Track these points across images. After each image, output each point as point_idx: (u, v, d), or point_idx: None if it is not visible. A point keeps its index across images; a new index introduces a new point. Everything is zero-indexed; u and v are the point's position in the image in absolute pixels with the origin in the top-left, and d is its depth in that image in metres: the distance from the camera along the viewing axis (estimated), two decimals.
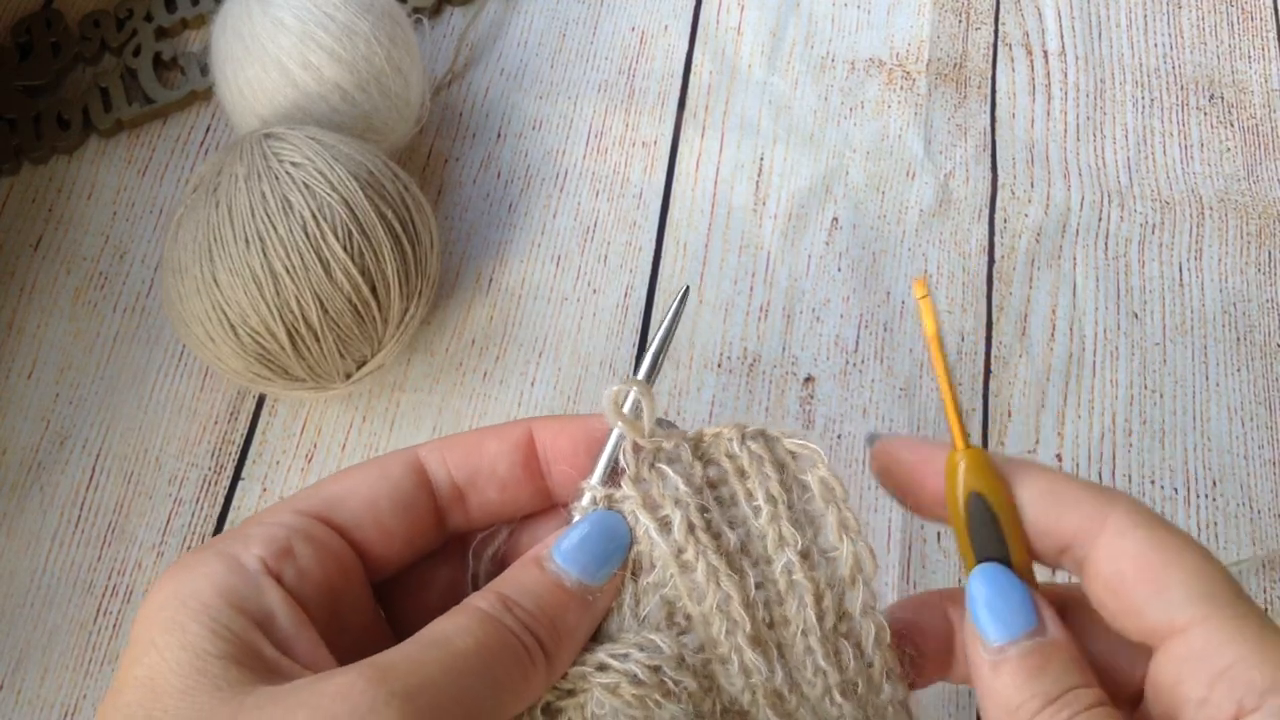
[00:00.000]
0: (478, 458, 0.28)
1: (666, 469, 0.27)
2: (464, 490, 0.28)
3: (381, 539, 0.27)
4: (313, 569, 0.26)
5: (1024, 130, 0.54)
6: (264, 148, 0.42)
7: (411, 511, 0.28)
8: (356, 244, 0.41)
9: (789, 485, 0.27)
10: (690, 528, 0.26)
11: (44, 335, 0.47)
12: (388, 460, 0.28)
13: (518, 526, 0.30)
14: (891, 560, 0.44)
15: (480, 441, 0.28)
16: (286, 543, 0.26)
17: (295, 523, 0.26)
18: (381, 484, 0.27)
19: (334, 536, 0.27)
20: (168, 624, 0.24)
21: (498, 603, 0.25)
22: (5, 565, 0.43)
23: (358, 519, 0.27)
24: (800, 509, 0.27)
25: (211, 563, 0.25)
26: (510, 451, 0.28)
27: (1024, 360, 0.48)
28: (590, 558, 0.27)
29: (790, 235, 0.51)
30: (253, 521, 0.26)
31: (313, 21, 0.45)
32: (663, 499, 0.26)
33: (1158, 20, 0.57)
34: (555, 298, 0.49)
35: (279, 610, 0.25)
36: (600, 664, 0.26)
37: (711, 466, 0.27)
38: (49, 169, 0.51)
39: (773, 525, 0.26)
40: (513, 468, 0.28)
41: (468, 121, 0.53)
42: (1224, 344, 0.49)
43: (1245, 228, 0.51)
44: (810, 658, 0.26)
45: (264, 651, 0.24)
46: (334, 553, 0.26)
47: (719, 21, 0.56)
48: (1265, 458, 0.46)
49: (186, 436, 0.46)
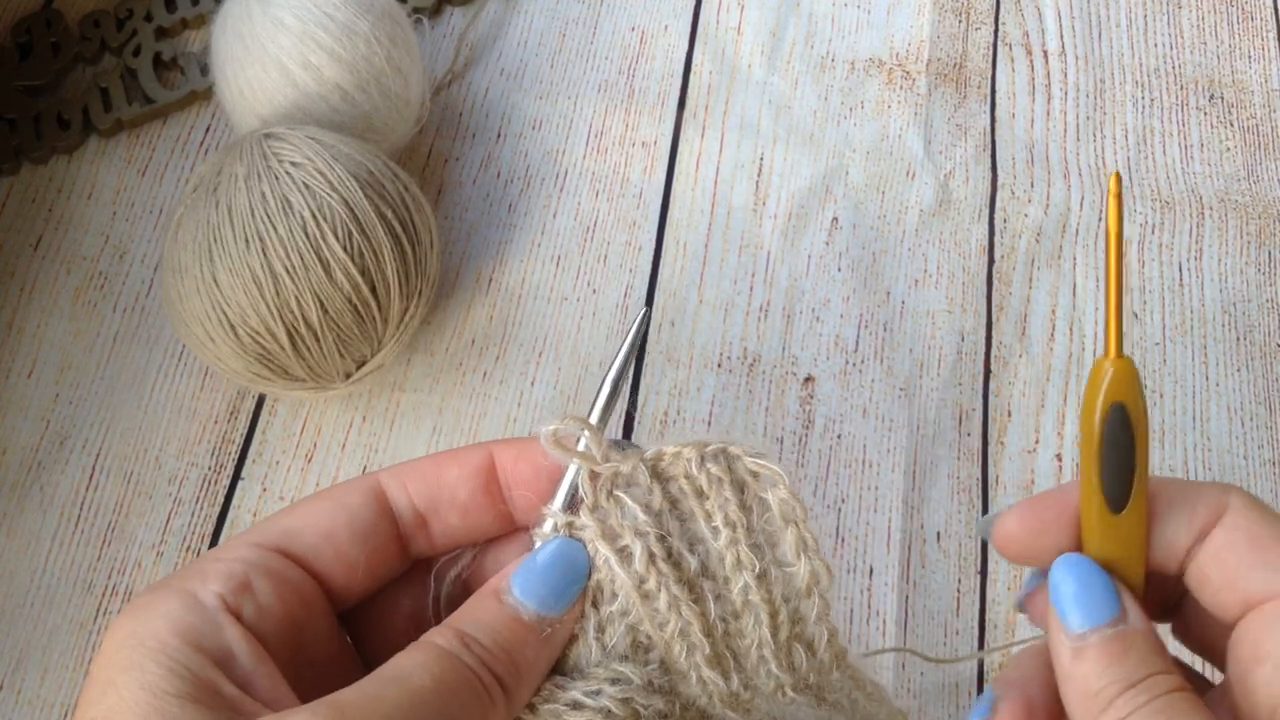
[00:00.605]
0: (438, 484, 0.28)
1: (624, 497, 0.27)
2: (426, 517, 0.28)
3: (343, 569, 0.27)
4: (272, 604, 0.26)
5: (1024, 130, 0.54)
6: (264, 148, 0.42)
7: (372, 540, 0.28)
8: (356, 244, 0.41)
9: (749, 505, 0.27)
10: (651, 558, 0.26)
11: (44, 335, 0.47)
12: (346, 489, 0.28)
13: (481, 549, 0.29)
14: (892, 560, 0.44)
15: (440, 467, 0.28)
16: (245, 578, 0.25)
17: (253, 557, 0.26)
18: (340, 514, 0.27)
19: (293, 569, 0.26)
20: (126, 664, 0.24)
21: (455, 639, 0.25)
22: (5, 565, 0.43)
23: (317, 550, 0.27)
24: (760, 527, 0.27)
25: (169, 601, 0.25)
26: (471, 477, 0.28)
27: (1024, 360, 0.48)
28: (549, 590, 0.26)
29: (790, 235, 0.51)
30: (210, 557, 0.26)
31: (313, 21, 0.45)
32: (622, 529, 0.27)
33: (1158, 20, 0.57)
34: (555, 298, 0.49)
35: (237, 647, 0.24)
36: (574, 702, 0.26)
37: (672, 484, 0.27)
38: (49, 169, 0.51)
39: (731, 549, 0.27)
40: (474, 493, 0.28)
41: (468, 121, 0.53)
42: (1224, 344, 0.49)
43: (1245, 228, 0.51)
44: (764, 665, 0.27)
45: (223, 690, 0.24)
46: (294, 586, 0.26)
47: (719, 21, 0.56)
48: (1265, 458, 0.46)
49: (186, 436, 0.46)
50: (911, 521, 0.45)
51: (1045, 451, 0.46)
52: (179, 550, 0.43)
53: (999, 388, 0.47)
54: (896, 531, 0.44)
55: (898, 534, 0.44)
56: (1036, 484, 0.45)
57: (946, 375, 0.48)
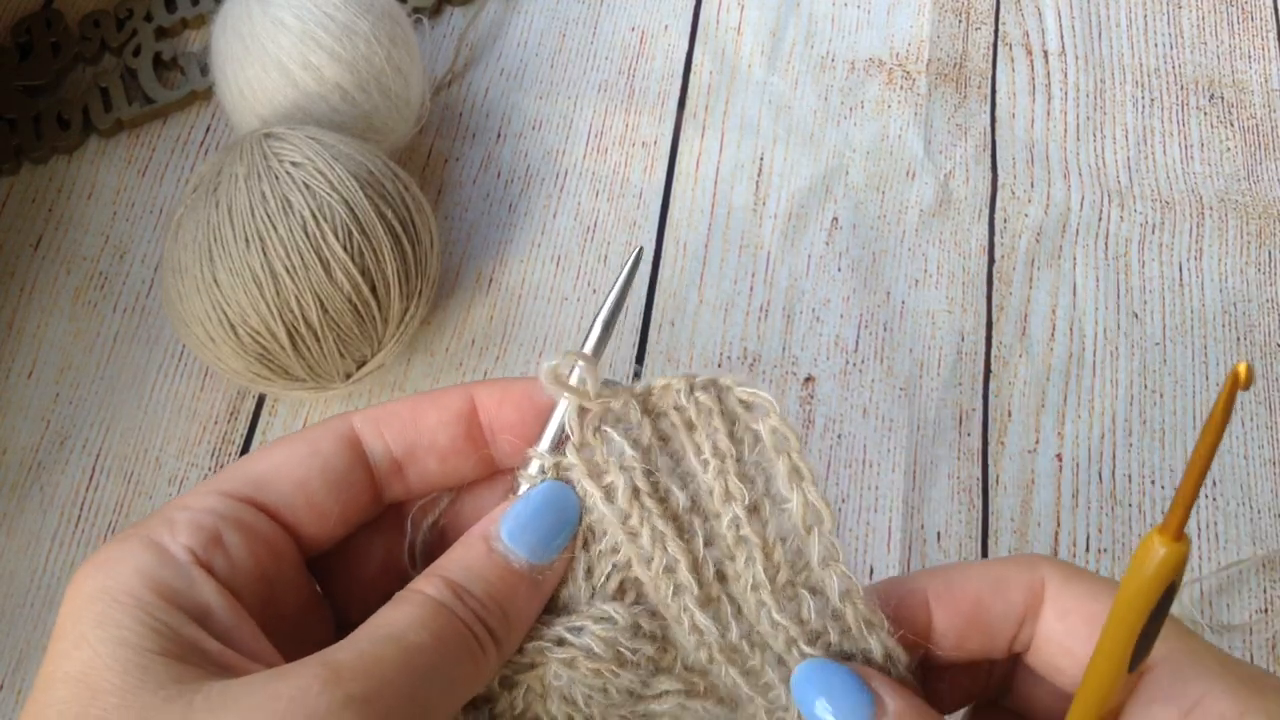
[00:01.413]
0: (416, 429, 0.27)
1: (611, 432, 0.25)
2: (402, 462, 0.27)
3: (314, 519, 0.26)
4: (244, 558, 0.24)
5: (1024, 130, 0.54)
6: (264, 147, 0.42)
7: (346, 488, 0.26)
8: (356, 244, 0.41)
9: (740, 437, 0.26)
10: (635, 493, 0.25)
11: (44, 335, 0.47)
12: (318, 434, 0.26)
13: (459, 494, 0.28)
14: (892, 560, 0.44)
15: (418, 411, 0.27)
16: (215, 530, 0.24)
17: (222, 507, 0.25)
18: (313, 461, 0.26)
19: (264, 520, 0.25)
20: (98, 618, 0.22)
21: (448, 591, 0.24)
22: (5, 565, 0.43)
23: (288, 500, 0.25)
24: (752, 461, 0.26)
25: (139, 554, 0.23)
26: (451, 422, 0.27)
27: (1024, 360, 0.48)
28: (538, 537, 0.25)
29: (790, 235, 0.51)
30: (176, 505, 0.25)
31: (313, 21, 0.45)
32: (607, 464, 0.25)
33: (1158, 20, 0.57)
34: (555, 297, 0.49)
35: (214, 603, 0.23)
36: (558, 638, 0.25)
37: (662, 419, 0.26)
38: (49, 169, 0.51)
39: (719, 480, 0.25)
40: (454, 438, 0.27)
41: (468, 121, 0.53)
42: (1224, 344, 0.49)
43: (1245, 228, 0.51)
44: (764, 611, 0.25)
45: (206, 646, 0.22)
46: (265, 538, 0.25)
47: (719, 21, 0.56)
48: (1265, 457, 0.46)
49: (186, 436, 0.46)
50: (912, 521, 0.45)
51: (1045, 451, 0.46)
52: None
53: (999, 388, 0.47)
54: (897, 531, 0.44)
55: (898, 534, 0.44)
56: (1036, 484, 0.45)
57: (946, 375, 0.48)
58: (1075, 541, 0.44)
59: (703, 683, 0.25)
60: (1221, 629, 0.43)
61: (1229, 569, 0.44)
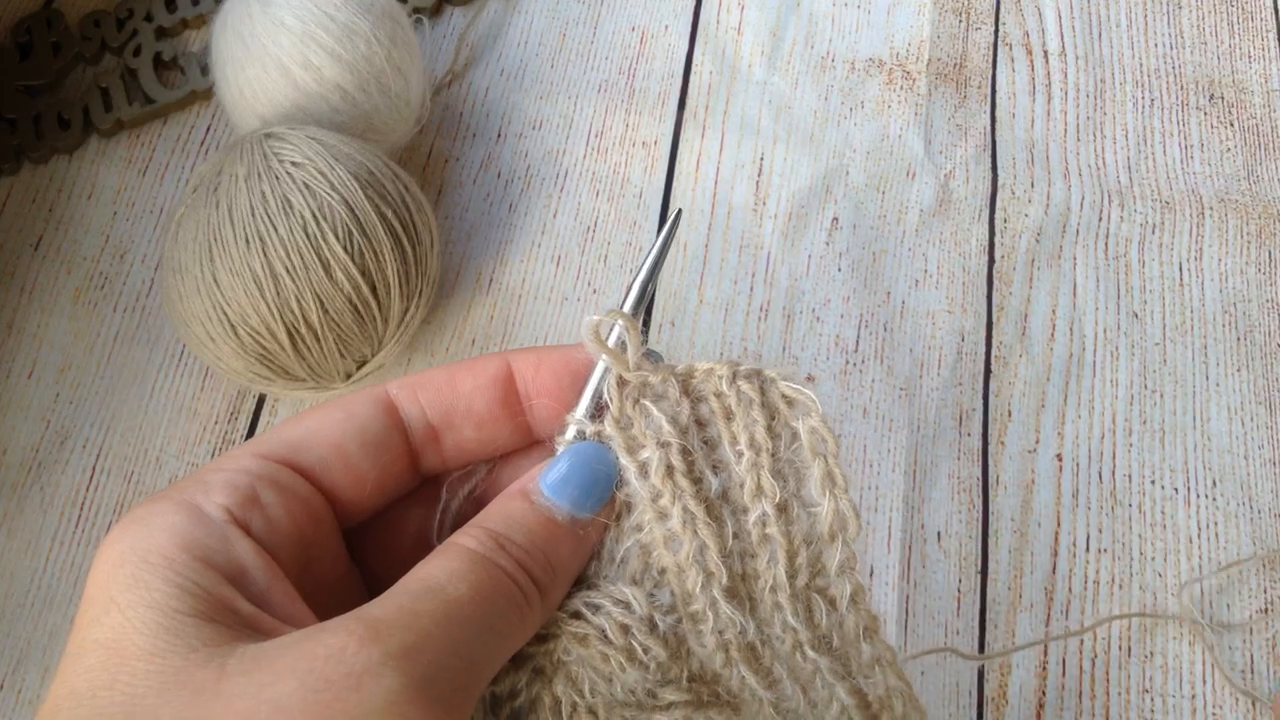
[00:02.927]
0: (452, 395, 0.26)
1: (651, 406, 0.25)
2: (438, 429, 0.26)
3: (352, 483, 0.25)
4: (281, 518, 0.24)
5: (1024, 130, 0.54)
6: (264, 148, 0.42)
7: (383, 453, 0.26)
8: (357, 244, 0.41)
9: (778, 432, 0.25)
10: (669, 471, 0.24)
11: (44, 335, 0.47)
12: (354, 399, 0.26)
13: (496, 464, 0.28)
14: (892, 560, 0.44)
15: (454, 378, 0.26)
16: (251, 490, 0.23)
17: (259, 468, 0.24)
18: (349, 424, 0.25)
19: (301, 482, 0.24)
20: (129, 581, 0.21)
21: (489, 540, 0.23)
22: (6, 565, 0.43)
23: (326, 462, 0.25)
24: (786, 458, 0.25)
25: (171, 514, 0.22)
26: (487, 387, 0.26)
27: (1024, 360, 0.48)
28: (579, 489, 0.25)
29: (790, 235, 0.51)
30: (212, 468, 0.24)
31: (313, 22, 0.45)
32: (644, 439, 0.25)
33: (1158, 20, 0.57)
34: (555, 297, 0.49)
35: (250, 563, 0.22)
36: (574, 611, 0.24)
37: (701, 404, 0.26)
38: (49, 169, 0.51)
39: (751, 473, 0.25)
40: (490, 404, 0.26)
41: (468, 121, 0.53)
42: (1224, 344, 0.49)
43: (1245, 228, 0.51)
44: (779, 614, 0.24)
45: (239, 607, 0.22)
46: (302, 499, 0.24)
47: (719, 21, 0.56)
48: (1265, 457, 0.46)
49: (187, 436, 0.46)
50: (912, 521, 0.45)
51: (1045, 451, 0.46)
52: None
53: (999, 388, 0.47)
54: (897, 531, 0.44)
55: (898, 534, 0.44)
56: (1037, 483, 0.45)
57: (947, 375, 0.48)
58: (1075, 541, 0.44)
59: (707, 692, 0.25)
60: (1221, 628, 0.43)
61: (1229, 569, 0.44)
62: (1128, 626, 0.43)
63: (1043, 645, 0.42)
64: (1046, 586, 0.43)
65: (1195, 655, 0.42)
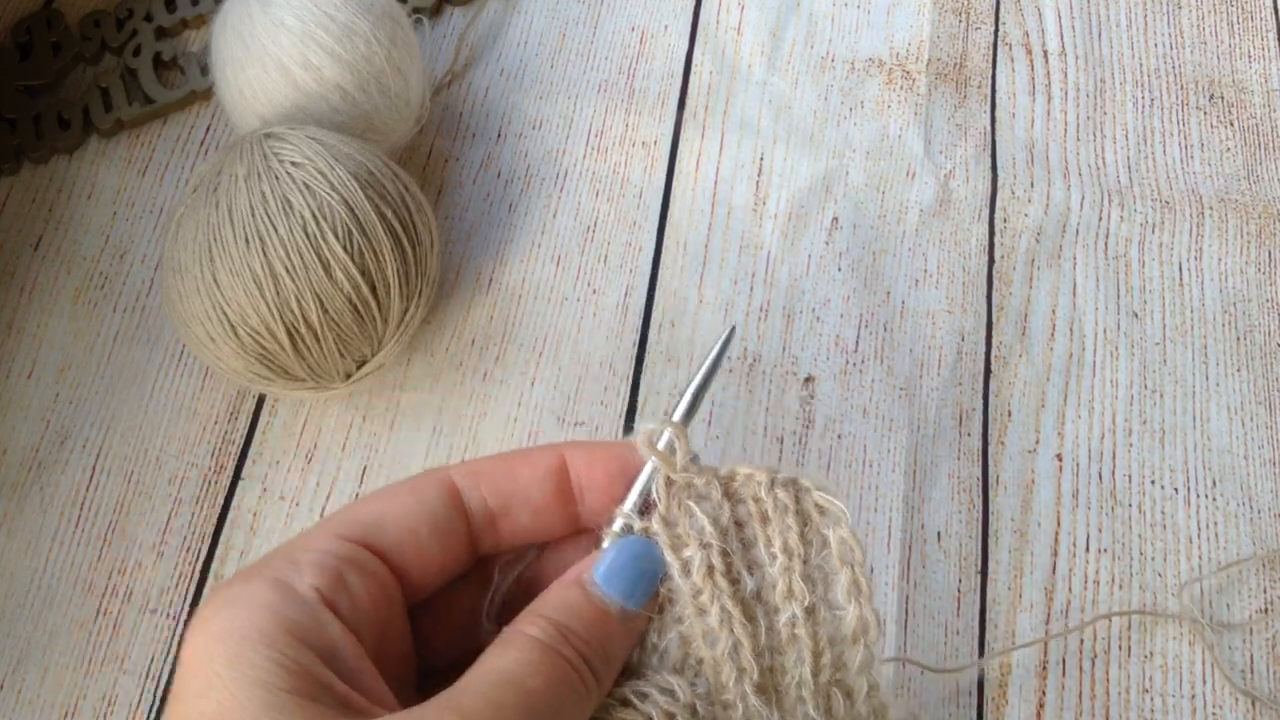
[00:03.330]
0: (512, 484, 0.28)
1: (695, 507, 0.27)
2: (497, 516, 0.28)
3: (421, 565, 0.27)
4: (363, 599, 0.25)
5: (1024, 130, 0.54)
6: (264, 148, 0.42)
7: (449, 537, 0.28)
8: (357, 244, 0.41)
9: (809, 538, 0.27)
10: (710, 570, 0.27)
11: (44, 335, 0.47)
12: (422, 484, 0.28)
13: (542, 550, 0.30)
14: (892, 560, 0.44)
15: (513, 468, 0.29)
16: (338, 572, 0.25)
17: (343, 551, 0.26)
18: (420, 509, 0.27)
19: (379, 564, 0.26)
20: (231, 657, 0.23)
21: (554, 631, 0.25)
22: (5, 565, 0.43)
23: (399, 545, 0.27)
24: (816, 563, 0.27)
25: (267, 593, 0.24)
26: (544, 479, 0.28)
27: (1024, 360, 0.48)
28: (630, 582, 0.27)
29: (790, 235, 0.51)
30: (298, 547, 0.26)
31: (313, 22, 0.45)
32: (688, 538, 0.27)
33: (1158, 20, 0.57)
34: (555, 298, 0.49)
35: (341, 643, 0.24)
36: (624, 699, 0.26)
37: (740, 505, 0.28)
38: (49, 169, 0.51)
39: (784, 576, 0.27)
40: (546, 495, 0.28)
41: (468, 121, 0.53)
42: (1224, 344, 0.49)
43: (1245, 227, 0.51)
44: (801, 707, 0.26)
45: (335, 686, 0.23)
46: (380, 581, 0.26)
47: (719, 21, 0.56)
48: (1265, 457, 0.46)
49: (186, 436, 0.46)
50: (912, 521, 0.45)
51: (1045, 451, 0.46)
52: (179, 550, 0.43)
53: (999, 387, 0.47)
54: (897, 531, 0.44)
55: (898, 534, 0.44)
56: (1036, 484, 0.45)
57: (947, 375, 0.48)
58: (1075, 541, 0.44)
59: None
60: (1221, 628, 0.43)
61: (1229, 569, 0.44)
62: (1127, 626, 0.43)
63: (1042, 644, 0.42)
64: (1046, 586, 0.44)
65: (1195, 655, 0.42)
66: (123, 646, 0.42)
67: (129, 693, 0.41)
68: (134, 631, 0.42)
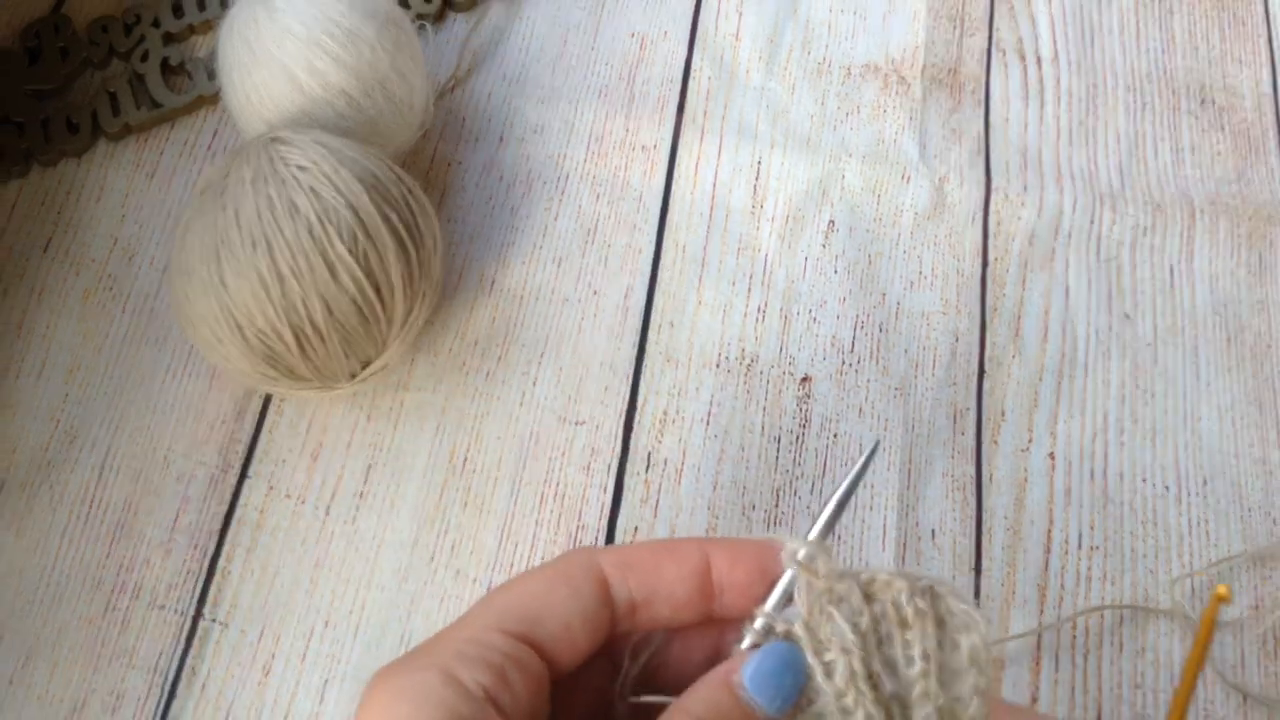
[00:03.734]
0: (657, 580, 0.29)
1: (835, 613, 0.28)
2: (638, 606, 0.29)
3: (571, 655, 0.28)
4: (522, 695, 0.26)
5: (1017, 135, 0.54)
6: (270, 152, 0.42)
7: (598, 630, 0.29)
8: (361, 247, 0.42)
9: (943, 641, 0.29)
10: (852, 675, 0.28)
11: (53, 336, 0.48)
12: (576, 574, 0.29)
13: (671, 633, 0.31)
14: (887, 558, 0.44)
15: (659, 563, 0.29)
16: (503, 670, 0.26)
17: (507, 647, 0.27)
18: (575, 603, 0.28)
19: (538, 661, 0.27)
20: None
21: None
22: (15, 562, 0.44)
23: (555, 639, 0.28)
24: (946, 663, 0.29)
25: (441, 689, 0.25)
26: (689, 577, 0.29)
27: (1017, 361, 0.49)
28: (777, 690, 0.27)
29: (787, 238, 0.51)
30: (464, 639, 0.27)
31: (318, 28, 0.45)
32: (830, 642, 0.28)
33: (1149, 26, 0.58)
34: (556, 299, 0.50)
35: None
36: None
37: (876, 604, 0.29)
38: (58, 172, 0.52)
39: (922, 681, 0.28)
40: (690, 592, 0.29)
41: (471, 126, 0.54)
42: (1215, 345, 0.49)
43: (1236, 230, 0.52)
44: None
45: None
46: (536, 676, 0.27)
47: (717, 28, 0.57)
48: (1255, 456, 0.47)
49: (194, 436, 0.46)
50: (906, 519, 0.45)
51: (1038, 450, 0.47)
52: (187, 547, 0.44)
53: (993, 388, 0.48)
54: (892, 529, 0.45)
55: (893, 532, 0.45)
56: (1030, 482, 0.46)
57: (941, 375, 0.48)
58: (1068, 538, 0.45)
59: None
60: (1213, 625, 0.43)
61: (1219, 565, 0.45)
62: (1119, 622, 0.44)
63: (1035, 639, 0.43)
64: (1039, 583, 0.44)
65: (1186, 650, 0.43)
66: (131, 642, 0.42)
67: (137, 688, 0.42)
68: (142, 627, 0.43)
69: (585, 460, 0.46)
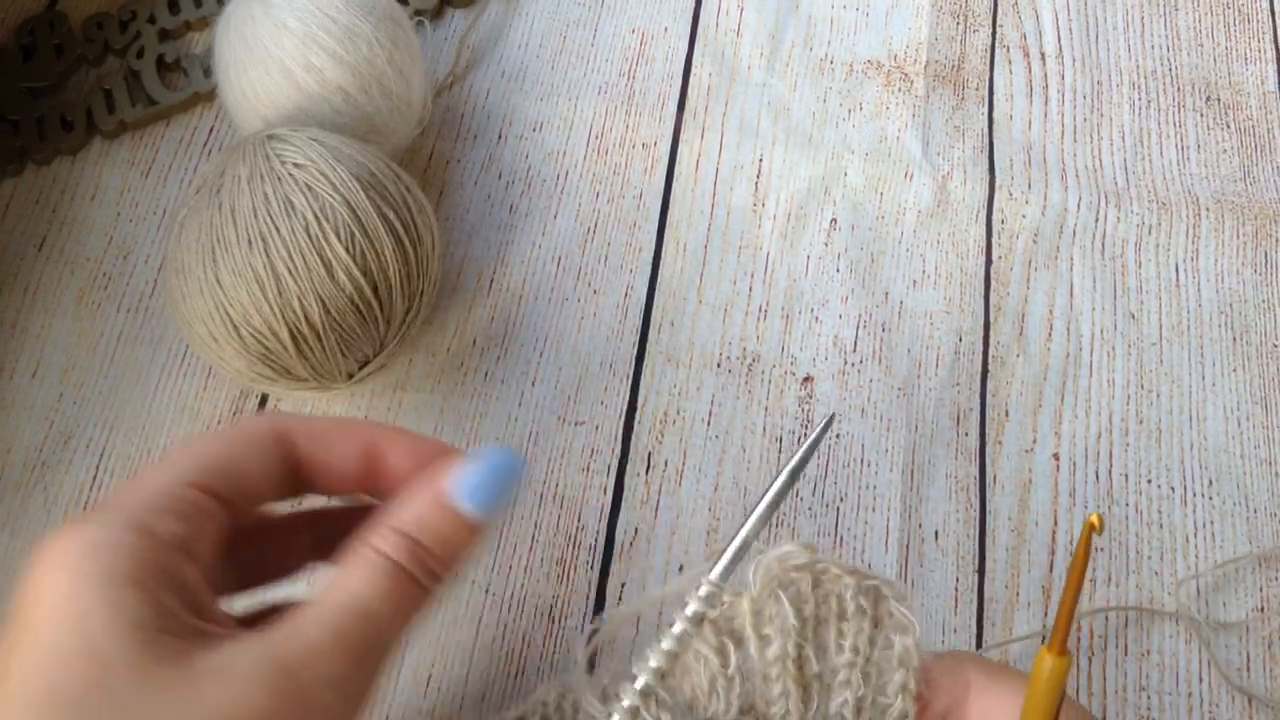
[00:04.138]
0: (328, 452, 0.30)
1: (783, 597, 0.30)
2: (312, 473, 0.31)
3: (250, 506, 0.30)
4: (207, 539, 0.27)
5: (1021, 132, 0.54)
6: (267, 149, 0.42)
7: (278, 485, 0.30)
8: (359, 245, 0.41)
9: (875, 639, 0.31)
10: (784, 654, 0.30)
11: (48, 335, 0.48)
12: (256, 433, 0.30)
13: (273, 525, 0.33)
14: (890, 559, 0.44)
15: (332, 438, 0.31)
16: (194, 519, 0.27)
17: (195, 498, 0.28)
18: (256, 460, 0.29)
19: (219, 509, 0.28)
20: (105, 598, 0.24)
21: (404, 552, 0.27)
22: (9, 564, 0.43)
23: (238, 491, 0.29)
24: (876, 659, 0.30)
25: (134, 539, 0.26)
26: (356, 457, 0.31)
27: (1021, 360, 0.48)
28: (494, 500, 0.28)
29: (789, 236, 0.51)
30: (151, 492, 0.27)
31: (315, 24, 0.45)
32: (771, 622, 0.30)
33: (1154, 22, 0.58)
34: (556, 298, 0.49)
35: (194, 582, 0.26)
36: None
37: (821, 592, 0.31)
38: (52, 170, 0.51)
39: (846, 670, 0.30)
40: (355, 470, 0.31)
41: (469, 123, 0.53)
42: (1220, 344, 0.49)
43: (1241, 229, 0.52)
44: None
45: (192, 622, 0.25)
46: (219, 526, 0.28)
47: (718, 24, 0.57)
48: (1261, 456, 0.47)
49: (190, 436, 0.46)
50: (909, 520, 0.45)
51: (1042, 451, 0.46)
52: None
53: (996, 387, 0.48)
54: (894, 530, 0.45)
55: (895, 533, 0.45)
56: (1034, 483, 0.46)
57: (944, 375, 0.48)
58: (1072, 540, 0.45)
59: None
60: (1218, 627, 0.43)
61: (1225, 567, 0.44)
62: (1124, 624, 0.43)
63: (1039, 641, 0.43)
64: (1044, 584, 0.44)
65: (1192, 653, 0.43)
66: None
67: None
68: None
69: (585, 461, 0.46)
